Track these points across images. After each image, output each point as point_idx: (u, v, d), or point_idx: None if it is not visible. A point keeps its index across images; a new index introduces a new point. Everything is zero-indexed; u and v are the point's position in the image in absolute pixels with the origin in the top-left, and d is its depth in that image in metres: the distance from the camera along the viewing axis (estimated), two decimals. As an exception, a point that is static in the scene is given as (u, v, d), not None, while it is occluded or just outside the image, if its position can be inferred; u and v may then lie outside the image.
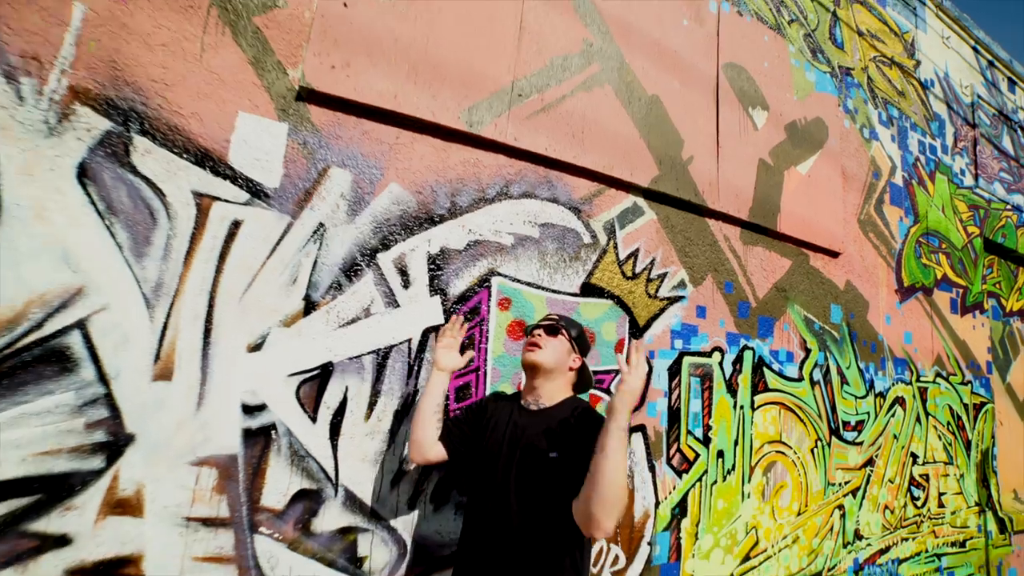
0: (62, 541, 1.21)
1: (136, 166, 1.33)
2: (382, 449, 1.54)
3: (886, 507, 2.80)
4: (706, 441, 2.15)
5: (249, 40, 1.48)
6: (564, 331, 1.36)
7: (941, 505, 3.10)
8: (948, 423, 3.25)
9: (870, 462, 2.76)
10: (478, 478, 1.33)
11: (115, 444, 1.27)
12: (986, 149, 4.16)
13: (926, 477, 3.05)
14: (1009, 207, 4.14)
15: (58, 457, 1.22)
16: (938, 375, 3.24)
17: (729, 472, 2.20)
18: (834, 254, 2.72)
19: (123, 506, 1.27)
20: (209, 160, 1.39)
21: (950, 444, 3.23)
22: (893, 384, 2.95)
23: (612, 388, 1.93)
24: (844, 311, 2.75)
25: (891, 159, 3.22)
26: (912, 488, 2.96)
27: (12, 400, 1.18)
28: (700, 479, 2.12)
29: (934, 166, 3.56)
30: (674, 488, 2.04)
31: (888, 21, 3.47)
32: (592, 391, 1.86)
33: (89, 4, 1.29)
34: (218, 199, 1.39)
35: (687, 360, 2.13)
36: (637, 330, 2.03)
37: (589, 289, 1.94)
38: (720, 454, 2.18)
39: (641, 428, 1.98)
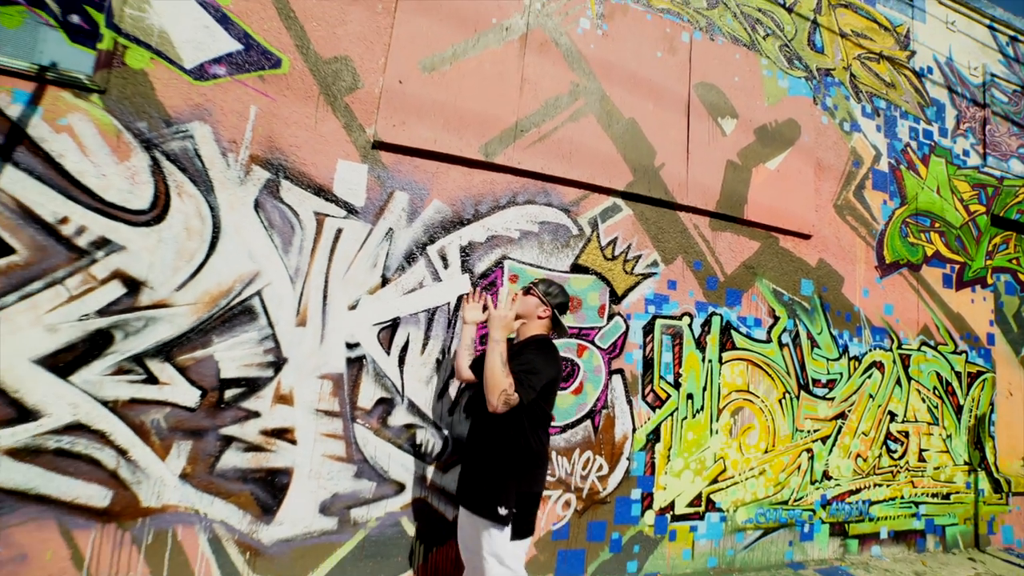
0: (255, 415, 2.16)
1: (283, 198, 2.25)
2: (431, 375, 2.38)
3: (858, 455, 3.26)
4: (677, 385, 2.80)
5: (342, 112, 2.36)
6: (534, 289, 2.04)
7: (922, 460, 3.48)
8: (934, 388, 3.59)
9: (842, 415, 3.24)
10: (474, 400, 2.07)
11: (278, 363, 2.21)
12: (1001, 127, 4.29)
13: (905, 434, 3.44)
14: (1026, 183, 4.25)
15: (251, 368, 2.17)
16: (924, 344, 3.59)
17: (698, 411, 2.84)
18: (805, 236, 3.21)
19: (283, 399, 2.20)
20: (322, 191, 2.29)
21: (935, 407, 3.57)
22: (871, 349, 3.38)
23: (596, 340, 2.65)
24: (816, 285, 3.24)
25: (875, 148, 3.59)
26: (889, 442, 3.38)
27: (230, 334, 2.14)
28: (671, 414, 2.78)
29: (928, 150, 3.84)
30: (648, 419, 2.73)
31: (878, 18, 3.80)
32: (580, 342, 2.60)
33: (259, 104, 2.22)
34: (328, 215, 2.29)
35: (659, 322, 2.79)
36: (616, 298, 2.72)
37: (577, 268, 2.67)
38: (690, 396, 2.82)
39: (620, 371, 2.68)
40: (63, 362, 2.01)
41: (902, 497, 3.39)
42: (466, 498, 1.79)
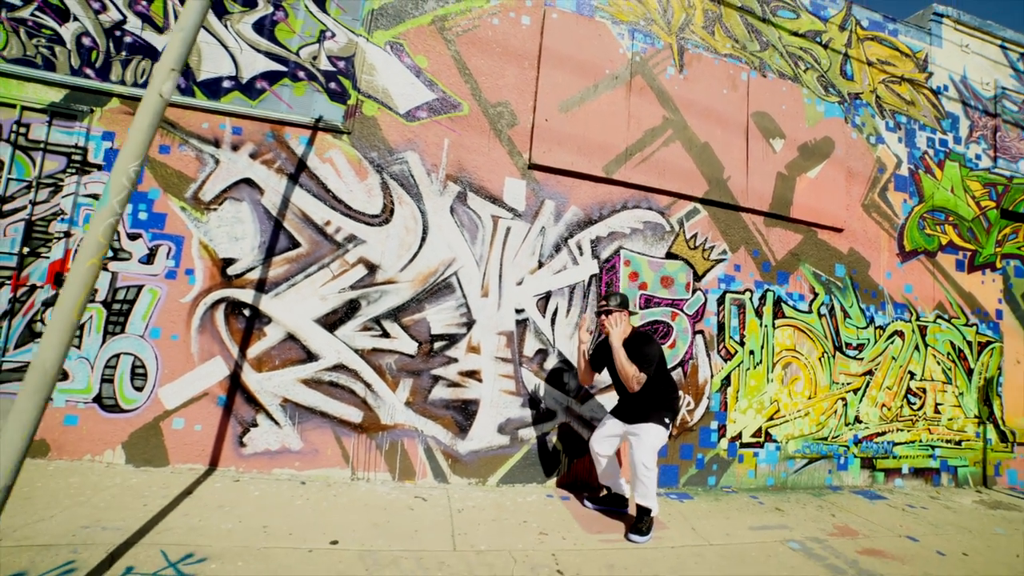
0: (454, 360, 3.23)
1: (469, 205, 3.31)
2: (573, 332, 3.43)
3: (883, 405, 4.27)
4: (741, 344, 3.84)
5: (506, 143, 3.41)
6: (608, 309, 2.93)
7: (937, 412, 4.47)
8: (948, 353, 4.59)
9: (870, 372, 4.25)
10: (613, 381, 3.06)
11: (469, 323, 3.27)
12: (1011, 132, 5.26)
13: (923, 390, 4.45)
14: (1030, 182, 5.22)
15: (451, 326, 3.24)
16: (939, 317, 4.59)
17: (758, 364, 3.87)
18: (838, 230, 4.22)
19: (473, 349, 3.27)
20: (496, 200, 3.35)
21: (949, 369, 4.57)
22: (893, 321, 4.38)
23: (684, 308, 3.68)
24: (847, 268, 4.25)
25: (896, 156, 4.59)
26: (909, 396, 4.38)
27: (437, 303, 3.21)
28: (738, 366, 3.81)
29: (943, 156, 4.83)
30: (721, 368, 3.76)
31: (900, 47, 4.79)
32: (672, 310, 3.64)
33: (450, 138, 3.28)
34: (500, 217, 3.35)
35: (728, 296, 3.83)
36: (697, 278, 3.76)
37: (670, 255, 3.71)
38: (751, 352, 3.85)
39: (701, 332, 3.72)
40: (331, 321, 3.09)
41: (920, 441, 4.39)
42: (638, 418, 2.78)
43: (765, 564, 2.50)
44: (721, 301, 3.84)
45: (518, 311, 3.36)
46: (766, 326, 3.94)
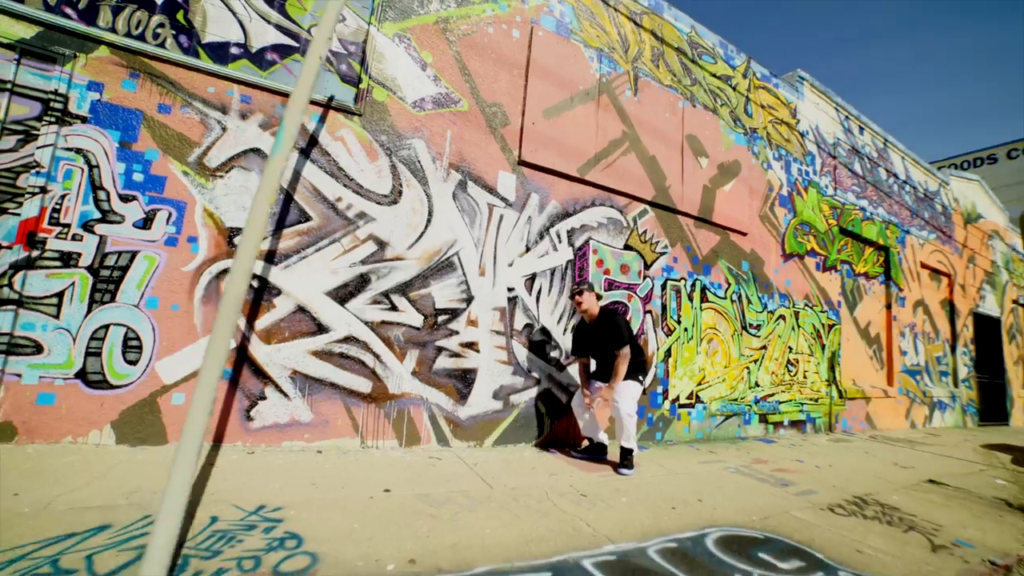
0: (456, 332, 3.57)
1: (469, 193, 3.70)
2: (554, 309, 4.00)
3: (772, 372, 5.60)
4: (679, 322, 4.78)
5: (499, 140, 3.88)
6: (583, 290, 3.74)
7: (805, 377, 5.98)
8: (812, 332, 6.15)
9: (764, 347, 5.54)
10: (591, 352, 3.74)
11: (468, 299, 3.65)
12: (843, 172, 7.21)
13: (796, 361, 5.91)
14: (856, 208, 7.21)
15: (453, 301, 3.58)
16: (806, 305, 6.13)
17: (690, 339, 4.85)
18: (743, 233, 5.47)
19: (472, 323, 3.65)
20: (492, 191, 3.79)
21: (812, 345, 6.13)
22: (779, 307, 5.77)
23: (637, 292, 4.49)
24: (750, 264, 5.52)
25: (780, 180, 6.06)
26: (789, 365, 5.79)
27: (440, 280, 3.53)
28: (676, 340, 4.74)
29: (807, 183, 6.47)
30: (664, 342, 4.65)
31: (780, 97, 6.33)
32: (628, 292, 4.42)
33: (452, 130, 3.65)
34: (495, 206, 3.79)
35: (669, 283, 4.75)
36: (647, 267, 4.61)
37: (627, 247, 4.49)
38: (686, 329, 4.82)
39: (649, 312, 4.56)
40: (341, 295, 3.24)
41: (795, 400, 5.82)
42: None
43: (719, 480, 3.32)
44: (664, 287, 4.75)
45: (509, 289, 3.83)
46: (695, 309, 4.95)
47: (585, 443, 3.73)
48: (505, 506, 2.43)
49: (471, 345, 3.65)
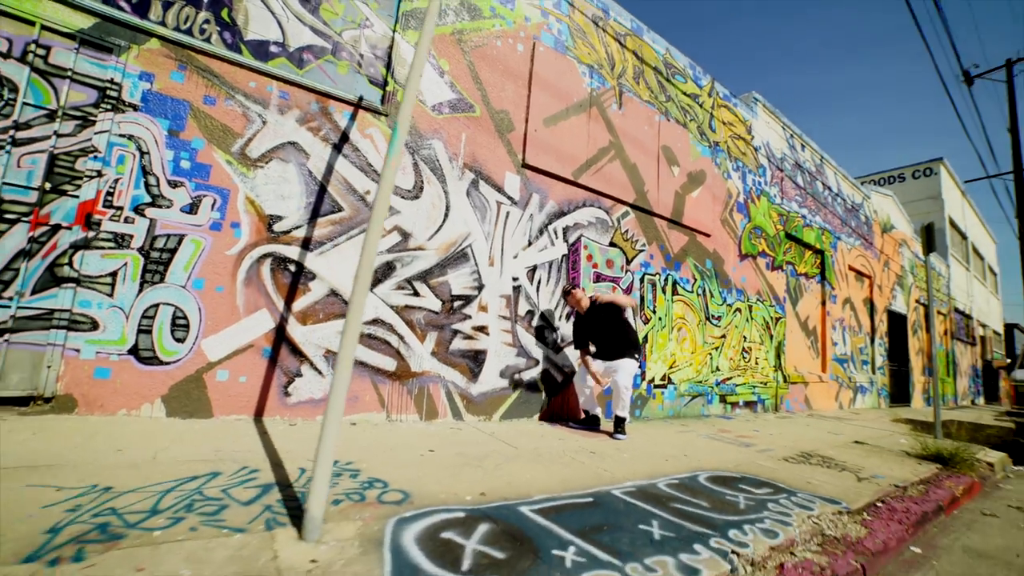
0: (469, 317, 3.99)
1: (481, 191, 4.12)
2: (551, 298, 4.50)
3: (730, 358, 6.43)
4: (654, 312, 5.45)
5: (506, 144, 4.33)
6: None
7: (756, 363, 6.89)
8: (763, 324, 7.08)
9: (724, 336, 6.36)
10: (591, 337, 4.31)
11: (480, 287, 4.07)
12: (788, 183, 8.27)
13: (750, 349, 6.80)
14: (799, 215, 8.30)
15: (467, 288, 3.99)
16: (758, 300, 7.05)
17: (664, 328, 5.53)
18: (708, 235, 6.25)
19: (483, 308, 4.08)
20: (500, 190, 4.23)
21: (762, 335, 7.06)
22: (736, 301, 6.62)
23: (620, 284, 5.10)
24: (712, 262, 6.31)
25: (738, 188, 6.93)
26: (744, 352, 6.66)
27: (456, 268, 3.93)
28: (652, 328, 5.41)
29: (760, 192, 7.41)
30: (642, 329, 5.29)
31: (738, 115, 7.21)
32: (612, 284, 5.01)
33: (466, 133, 4.05)
34: (502, 203, 4.24)
35: (646, 277, 5.40)
36: (628, 262, 5.23)
37: (612, 244, 5.09)
38: (660, 319, 5.49)
39: (632, 303, 5.19)
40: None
41: (748, 383, 6.70)
42: (616, 356, 3.99)
43: (696, 443, 3.97)
44: (642, 280, 5.40)
45: (514, 279, 4.29)
46: (668, 301, 5.65)
47: (583, 415, 4.27)
48: (534, 460, 2.89)
49: (482, 328, 4.07)
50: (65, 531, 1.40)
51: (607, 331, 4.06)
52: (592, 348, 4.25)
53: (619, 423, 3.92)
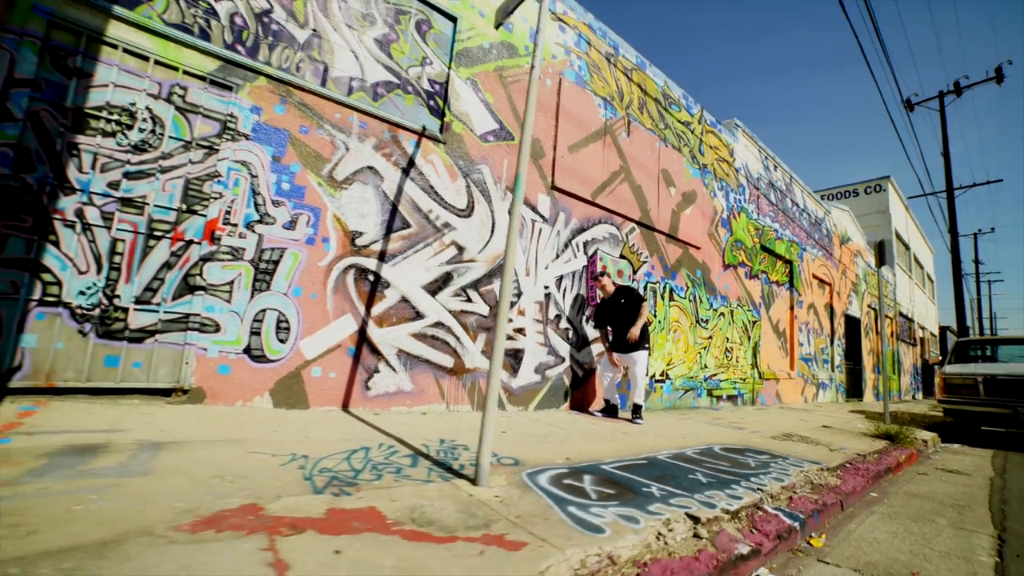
0: (510, 319, 4.62)
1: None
2: (574, 303, 5.20)
3: (716, 357, 7.35)
4: (655, 315, 6.26)
5: (539, 169, 4.99)
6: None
7: (737, 361, 7.86)
8: (743, 327, 8.07)
9: (711, 337, 7.27)
10: (610, 322, 5.06)
11: (519, 294, 4.72)
12: (763, 200, 9.36)
13: (732, 349, 7.76)
14: (772, 229, 9.40)
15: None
16: (739, 305, 8.03)
17: (663, 329, 6.35)
18: (697, 248, 7.14)
19: (521, 312, 4.73)
20: (534, 209, 4.89)
21: (742, 336, 8.05)
22: (720, 307, 7.55)
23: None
24: (702, 272, 7.21)
25: (722, 206, 7.88)
26: (727, 352, 7.61)
27: (500, 278, 4.57)
28: (654, 330, 6.21)
29: (740, 209, 8.41)
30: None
31: (722, 139, 8.18)
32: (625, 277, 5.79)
33: (507, 159, 4.70)
34: (536, 221, 4.90)
35: (649, 285, 6.21)
36: (634, 272, 6.01)
37: (622, 256, 5.85)
38: (660, 322, 6.31)
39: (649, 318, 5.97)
40: (432, 288, 4.14)
41: (730, 379, 7.65)
42: (631, 349, 4.73)
43: (700, 427, 4.77)
44: (645, 288, 6.20)
45: (545, 287, 4.96)
46: (666, 306, 6.48)
47: (604, 404, 5.00)
48: (584, 438, 3.57)
49: (520, 330, 4.72)
50: (316, 480, 1.96)
51: (624, 319, 4.79)
52: (610, 334, 4.98)
53: (636, 410, 4.67)
